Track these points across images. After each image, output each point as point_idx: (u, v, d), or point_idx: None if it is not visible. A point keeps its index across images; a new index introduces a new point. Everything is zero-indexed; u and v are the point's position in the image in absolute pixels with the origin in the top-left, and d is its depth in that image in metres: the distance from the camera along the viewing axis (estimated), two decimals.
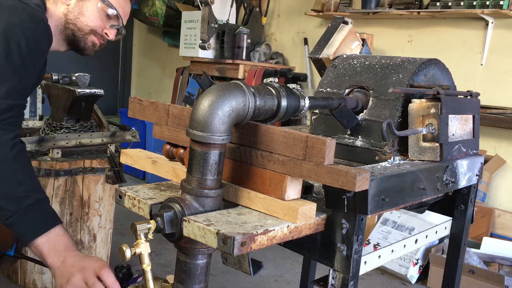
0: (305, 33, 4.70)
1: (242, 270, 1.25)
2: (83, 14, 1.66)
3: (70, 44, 1.72)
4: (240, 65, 4.38)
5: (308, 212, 1.06)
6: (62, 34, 1.68)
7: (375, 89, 1.41)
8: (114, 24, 1.71)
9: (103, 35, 1.72)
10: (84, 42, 1.70)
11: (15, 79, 1.39)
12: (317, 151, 1.01)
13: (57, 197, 2.60)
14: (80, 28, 1.67)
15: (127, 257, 1.06)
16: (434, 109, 1.31)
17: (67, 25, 1.67)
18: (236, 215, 1.06)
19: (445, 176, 1.36)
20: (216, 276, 3.11)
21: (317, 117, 1.51)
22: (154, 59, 6.36)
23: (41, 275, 2.70)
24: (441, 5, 3.61)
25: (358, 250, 1.11)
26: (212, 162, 1.04)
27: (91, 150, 2.74)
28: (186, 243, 1.09)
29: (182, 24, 4.78)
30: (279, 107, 1.14)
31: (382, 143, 1.35)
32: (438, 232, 1.58)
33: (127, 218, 3.72)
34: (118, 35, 1.76)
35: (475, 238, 3.39)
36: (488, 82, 3.63)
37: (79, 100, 2.63)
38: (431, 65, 1.44)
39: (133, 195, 1.20)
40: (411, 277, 3.30)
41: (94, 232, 2.80)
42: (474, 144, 1.52)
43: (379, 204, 1.12)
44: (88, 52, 1.74)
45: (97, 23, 1.68)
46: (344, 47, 1.62)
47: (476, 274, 2.98)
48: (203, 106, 1.02)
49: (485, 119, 3.22)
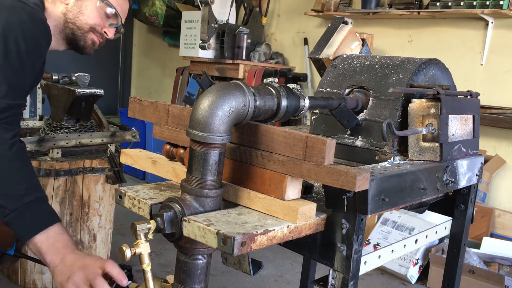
0: (305, 33, 4.69)
1: (242, 270, 1.25)
2: (82, 13, 1.66)
3: (70, 43, 1.72)
4: (240, 65, 4.38)
5: (308, 212, 1.06)
6: (61, 33, 1.69)
7: (375, 89, 1.41)
8: (113, 23, 1.72)
9: (102, 34, 1.72)
10: (84, 40, 1.71)
11: (13, 78, 1.39)
12: (317, 151, 1.01)
13: (57, 197, 2.60)
14: (80, 27, 1.68)
15: (127, 257, 1.06)
16: (434, 109, 1.31)
17: (66, 24, 1.67)
18: (236, 215, 1.06)
19: (445, 176, 1.36)
20: (216, 276, 3.11)
21: (317, 117, 1.51)
22: (154, 59, 6.36)
23: (41, 275, 2.70)
24: (441, 5, 3.61)
25: (358, 250, 1.11)
26: (212, 162, 1.04)
27: (91, 150, 2.75)
28: (186, 243, 1.09)
29: (182, 24, 4.78)
30: (279, 107, 1.14)
31: (382, 143, 1.35)
32: (438, 232, 1.58)
33: (127, 218, 3.72)
34: (117, 33, 1.77)
35: (475, 238, 3.39)
36: (488, 82, 3.63)
37: (79, 100, 2.63)
38: (431, 65, 1.44)
39: (133, 195, 1.20)
40: (411, 277, 3.30)
41: (94, 232, 2.80)
42: (474, 144, 1.52)
43: (379, 204, 1.12)
44: (88, 50, 1.74)
45: (97, 21, 1.69)
46: (344, 47, 1.62)
47: (476, 274, 2.98)
48: (203, 106, 1.02)
49: (485, 119, 3.22)
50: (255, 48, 4.65)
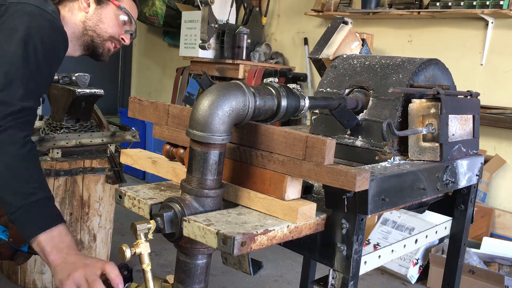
0: (305, 33, 4.69)
1: (242, 270, 1.25)
2: (102, 21, 1.74)
3: (87, 50, 1.80)
4: (240, 65, 4.37)
5: (308, 212, 1.06)
6: (78, 40, 1.76)
7: (375, 89, 1.41)
8: (128, 30, 1.82)
9: (120, 41, 1.81)
10: (102, 48, 1.79)
11: (30, 82, 1.43)
12: (317, 151, 1.01)
13: (57, 197, 2.60)
14: (100, 35, 1.76)
15: (127, 257, 1.06)
16: (434, 109, 1.31)
17: (85, 32, 1.75)
18: (236, 215, 1.06)
19: (445, 176, 1.36)
20: (216, 276, 3.11)
21: (317, 117, 1.51)
22: (154, 59, 6.36)
23: (41, 275, 2.70)
24: (441, 5, 3.61)
25: (358, 250, 1.11)
26: (212, 162, 1.04)
27: (91, 150, 2.75)
28: (186, 243, 1.09)
29: (182, 24, 4.78)
30: (279, 107, 1.14)
31: (382, 143, 1.35)
32: (438, 232, 1.58)
33: (127, 218, 3.72)
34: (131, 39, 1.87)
35: (475, 238, 3.39)
36: (488, 82, 3.63)
37: (79, 100, 2.63)
38: (431, 65, 1.44)
39: (133, 195, 1.20)
40: (411, 277, 3.30)
41: (94, 232, 2.80)
42: (474, 144, 1.52)
43: (379, 204, 1.12)
44: (104, 58, 1.83)
45: (116, 30, 1.78)
46: (344, 47, 1.62)
47: (476, 274, 2.98)
48: (203, 106, 1.02)
49: (485, 119, 3.22)
50: (255, 48, 4.65)
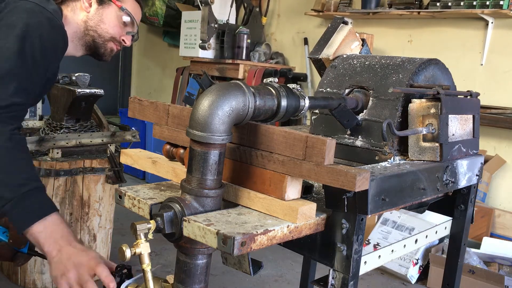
0: (305, 33, 4.69)
1: (242, 270, 1.25)
2: (103, 22, 1.74)
3: (89, 50, 1.79)
4: (240, 65, 4.37)
5: (308, 212, 1.06)
6: (80, 40, 1.76)
7: (375, 89, 1.41)
8: (130, 31, 1.81)
9: (121, 42, 1.81)
10: (104, 48, 1.79)
11: (24, 79, 1.42)
12: (317, 151, 1.01)
13: (57, 197, 2.61)
14: (101, 35, 1.75)
15: (127, 257, 1.06)
16: (434, 109, 1.31)
17: (87, 32, 1.74)
18: (236, 215, 1.06)
19: (445, 176, 1.36)
20: (216, 276, 3.11)
21: (317, 117, 1.51)
22: (154, 59, 6.36)
23: (41, 275, 2.70)
24: (441, 5, 3.61)
25: (358, 250, 1.11)
26: (212, 162, 1.04)
27: (91, 150, 2.75)
28: (186, 243, 1.09)
29: (182, 24, 4.78)
30: (279, 107, 1.14)
31: (382, 143, 1.35)
32: (438, 232, 1.58)
33: (127, 218, 3.72)
34: (133, 41, 1.86)
35: (475, 238, 3.39)
36: (488, 82, 3.63)
37: (79, 100, 2.63)
38: (431, 65, 1.44)
39: (133, 195, 1.20)
40: (411, 277, 3.30)
41: (94, 232, 2.80)
42: (474, 144, 1.52)
43: (379, 204, 1.12)
44: (106, 58, 1.83)
45: (117, 31, 1.77)
46: (344, 47, 1.62)
47: (476, 274, 2.98)
48: (203, 106, 1.02)
49: (485, 119, 3.22)
50: (255, 48, 4.65)
